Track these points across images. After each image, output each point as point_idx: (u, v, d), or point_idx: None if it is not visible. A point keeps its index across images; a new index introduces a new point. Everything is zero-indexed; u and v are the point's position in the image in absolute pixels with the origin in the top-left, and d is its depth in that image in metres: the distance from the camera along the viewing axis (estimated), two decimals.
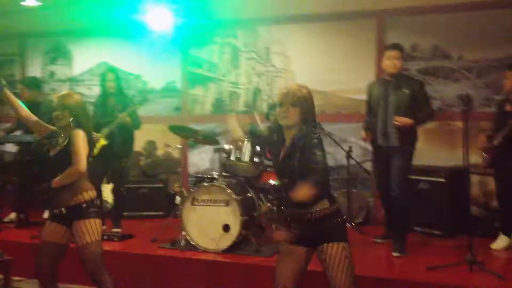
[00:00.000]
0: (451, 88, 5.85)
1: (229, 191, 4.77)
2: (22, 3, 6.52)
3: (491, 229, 5.22)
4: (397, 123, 4.72)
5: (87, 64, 7.59)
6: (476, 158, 5.16)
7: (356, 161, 5.81)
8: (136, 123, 5.68)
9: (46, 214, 5.87)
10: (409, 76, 5.15)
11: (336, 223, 2.96)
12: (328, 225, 2.93)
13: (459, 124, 4.63)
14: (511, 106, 4.90)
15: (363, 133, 5.10)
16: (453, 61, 5.85)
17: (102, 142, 5.42)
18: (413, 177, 5.43)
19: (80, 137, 3.50)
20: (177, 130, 5.38)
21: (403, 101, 4.79)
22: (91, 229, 3.50)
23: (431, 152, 5.82)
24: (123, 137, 5.66)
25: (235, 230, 4.75)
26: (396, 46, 4.92)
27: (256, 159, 5.08)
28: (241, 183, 5.19)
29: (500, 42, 5.62)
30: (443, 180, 5.41)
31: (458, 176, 5.33)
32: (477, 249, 4.31)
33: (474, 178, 5.61)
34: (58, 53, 7.77)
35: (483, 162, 5.07)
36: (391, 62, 4.82)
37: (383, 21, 6.08)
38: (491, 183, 5.36)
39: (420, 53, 5.96)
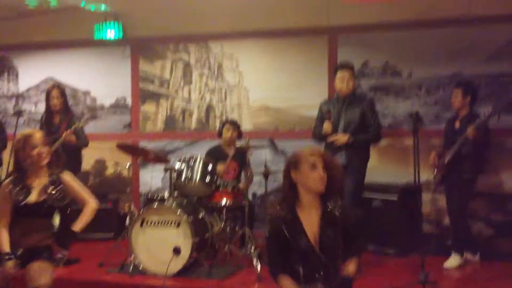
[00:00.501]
0: (402, 105, 5.90)
1: (179, 212, 4.62)
2: None
3: (444, 246, 5.26)
4: (335, 140, 4.72)
5: (33, 80, 7.30)
6: (428, 175, 5.20)
7: None
8: (83, 142, 5.47)
9: None
10: (360, 94, 5.16)
11: None
12: None
13: (410, 141, 4.64)
14: (460, 123, 4.96)
15: (326, 126, 4.88)
16: (403, 78, 5.90)
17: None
18: (367, 195, 5.44)
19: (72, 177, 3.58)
20: (125, 148, 5.20)
21: (353, 119, 4.79)
22: (49, 270, 3.42)
23: (384, 170, 5.83)
24: (69, 156, 5.42)
25: (186, 252, 4.58)
26: (348, 66, 4.92)
27: (207, 179, 4.95)
28: (192, 203, 5.05)
29: (449, 59, 5.70)
30: (395, 198, 5.41)
31: (410, 194, 5.33)
32: (430, 268, 4.30)
33: (426, 196, 5.64)
34: (3, 68, 7.44)
35: (434, 179, 5.11)
36: (344, 85, 4.82)
37: (335, 38, 6.09)
38: (442, 200, 5.39)
39: (371, 70, 5.99)
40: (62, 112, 5.50)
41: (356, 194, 4.77)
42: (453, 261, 4.93)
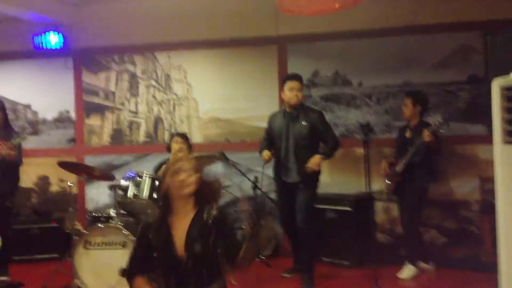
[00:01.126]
0: (353, 114, 5.86)
1: (126, 232, 4.40)
2: None
3: (398, 256, 5.22)
4: (311, 167, 4.62)
5: None
6: (380, 184, 5.16)
7: (262, 191, 5.61)
8: (18, 159, 5.17)
9: None
10: (309, 107, 5.06)
11: None
12: None
13: (363, 150, 4.58)
14: (411, 132, 4.95)
15: (266, 154, 4.89)
16: (353, 88, 5.87)
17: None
18: (320, 206, 5.37)
19: None
20: (68, 166, 4.94)
21: (302, 134, 4.72)
22: None
23: (338, 180, 5.78)
24: (5, 174, 5.12)
25: None
26: (297, 77, 4.84)
27: (155, 195, 4.74)
28: (139, 222, 4.81)
29: (398, 68, 5.70)
30: (349, 208, 5.35)
31: (363, 204, 5.29)
32: (384, 279, 4.23)
33: (379, 205, 5.61)
34: None
35: (386, 188, 5.08)
36: (293, 95, 4.74)
37: (284, 48, 6.01)
38: (395, 209, 5.38)
39: (321, 79, 5.94)
40: (1, 128, 5.21)
41: (309, 207, 4.68)
42: (407, 271, 4.90)
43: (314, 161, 4.62)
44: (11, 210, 5.36)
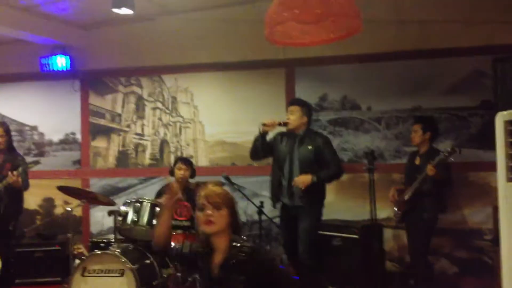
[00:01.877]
0: (362, 139, 5.73)
1: (123, 259, 4.29)
2: None
3: (407, 286, 5.03)
4: (297, 184, 4.52)
5: None
6: (389, 212, 5.01)
7: (267, 216, 5.47)
8: (25, 184, 5.15)
9: None
10: (316, 131, 5.00)
11: None
12: None
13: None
14: (420, 160, 4.80)
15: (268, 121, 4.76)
16: (362, 112, 5.75)
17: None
18: (326, 233, 5.22)
19: None
20: (67, 190, 4.87)
21: (307, 157, 4.62)
22: None
23: (344, 206, 5.63)
24: (11, 198, 5.10)
25: None
26: (294, 101, 4.86)
27: (155, 222, 4.63)
28: (139, 248, 4.70)
29: (408, 93, 5.58)
30: (356, 236, 5.17)
31: (371, 232, 5.11)
32: None
33: (388, 232, 5.44)
34: None
35: (394, 216, 4.92)
36: (294, 118, 4.70)
37: (292, 71, 5.93)
38: (405, 237, 5.20)
39: (329, 103, 5.83)
40: (5, 151, 5.23)
41: (312, 236, 4.57)
42: None
43: (303, 179, 4.51)
44: (13, 234, 5.32)
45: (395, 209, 4.88)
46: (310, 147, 4.63)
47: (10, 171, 4.95)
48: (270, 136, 4.86)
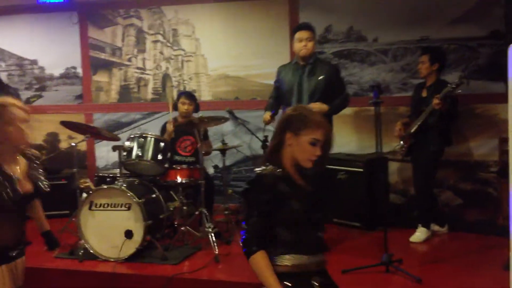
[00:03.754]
0: (367, 72, 5.62)
1: (129, 194, 4.31)
2: None
3: (411, 218, 5.08)
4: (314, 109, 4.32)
5: None
6: (394, 145, 4.97)
7: None
8: None
9: None
10: (324, 60, 4.85)
11: None
12: None
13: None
14: (427, 92, 4.72)
15: (266, 116, 4.58)
16: (368, 44, 5.59)
17: None
18: (332, 167, 5.22)
19: None
20: (70, 125, 4.84)
21: (318, 88, 4.37)
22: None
23: (349, 140, 5.60)
24: None
25: (138, 236, 4.31)
26: (306, 26, 4.48)
27: (160, 157, 4.63)
28: (145, 183, 4.73)
29: (415, 23, 5.40)
30: (361, 169, 5.18)
31: (376, 165, 5.12)
32: (395, 242, 4.11)
33: (393, 166, 5.44)
34: None
35: (400, 150, 4.89)
36: (302, 45, 4.38)
37: (296, 1, 5.72)
38: (410, 170, 5.19)
39: (334, 35, 5.67)
40: None
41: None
42: (419, 234, 4.75)
43: (319, 106, 4.21)
44: None
45: (401, 142, 4.85)
46: (321, 77, 4.38)
47: None
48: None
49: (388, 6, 5.47)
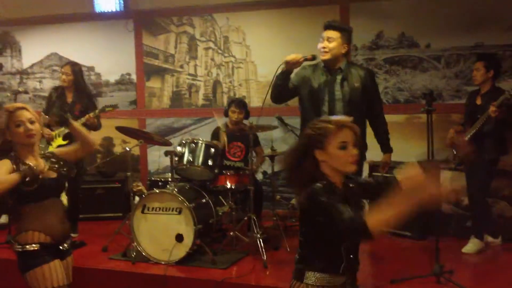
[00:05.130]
0: (419, 78, 5.54)
1: (181, 198, 4.40)
2: None
3: (464, 228, 4.97)
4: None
5: (36, 55, 7.10)
6: (447, 153, 4.88)
7: None
8: (99, 125, 5.31)
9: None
10: (359, 65, 4.65)
11: None
12: None
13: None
14: (482, 99, 4.60)
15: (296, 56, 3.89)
16: (420, 50, 5.51)
17: (59, 141, 5.10)
18: (379, 174, 5.16)
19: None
20: (125, 131, 4.99)
21: (353, 96, 3.82)
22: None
23: (398, 148, 5.49)
24: None
25: (188, 240, 4.39)
26: (329, 25, 3.89)
27: (210, 162, 4.72)
28: (195, 187, 4.82)
29: (469, 29, 5.30)
30: None
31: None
32: (448, 253, 4.04)
33: (446, 174, 5.32)
34: (5, 44, 7.23)
35: (452, 158, 4.79)
36: (322, 45, 3.85)
37: (346, 7, 5.72)
38: (463, 179, 5.07)
39: (386, 41, 5.62)
40: (74, 90, 5.32)
41: None
42: (472, 245, 4.64)
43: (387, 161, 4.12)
44: (81, 172, 5.53)
45: (454, 150, 4.75)
46: (357, 85, 3.83)
47: (87, 114, 5.08)
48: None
49: (441, 12, 5.39)
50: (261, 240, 4.49)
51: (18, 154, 2.81)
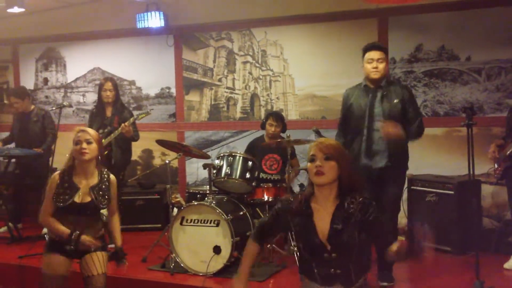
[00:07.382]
0: (459, 91, 5.47)
1: (218, 210, 4.46)
2: (8, 10, 6.23)
3: (506, 243, 4.85)
4: (386, 130, 3.88)
5: (80, 70, 7.33)
6: (488, 167, 4.80)
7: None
8: (136, 134, 5.46)
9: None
10: (397, 82, 4.67)
11: None
12: None
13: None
14: None
15: None
16: (460, 63, 5.44)
17: None
18: (420, 188, 5.12)
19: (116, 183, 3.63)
20: (165, 144, 5.09)
21: (393, 112, 4.02)
22: (103, 260, 3.54)
23: (438, 161, 5.45)
24: (121, 149, 5.42)
25: (226, 252, 4.44)
26: (378, 46, 4.16)
27: (248, 175, 4.76)
28: (233, 200, 4.87)
29: (511, 41, 5.20)
30: (451, 192, 5.02)
31: (468, 188, 4.94)
32: (488, 269, 3.96)
33: (487, 189, 5.23)
34: (51, 59, 7.50)
35: (494, 173, 4.69)
36: (373, 66, 4.06)
37: (385, 21, 5.70)
38: (505, 194, 4.97)
39: (425, 54, 5.57)
40: (113, 104, 5.51)
41: (397, 206, 4.18)
42: None
43: (398, 132, 3.86)
44: (122, 183, 5.66)
45: (495, 165, 4.66)
46: (396, 101, 4.04)
47: (118, 123, 5.25)
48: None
49: (481, 24, 5.33)
50: (297, 253, 4.50)
51: (74, 167, 3.45)
